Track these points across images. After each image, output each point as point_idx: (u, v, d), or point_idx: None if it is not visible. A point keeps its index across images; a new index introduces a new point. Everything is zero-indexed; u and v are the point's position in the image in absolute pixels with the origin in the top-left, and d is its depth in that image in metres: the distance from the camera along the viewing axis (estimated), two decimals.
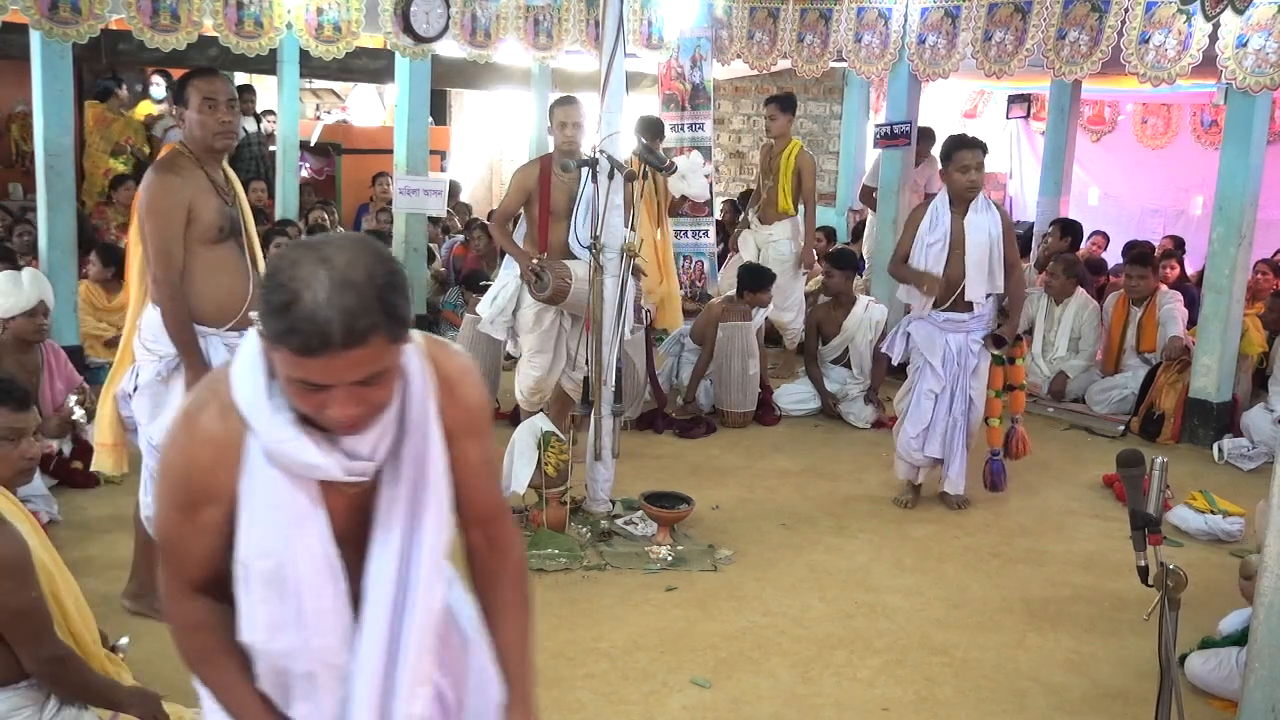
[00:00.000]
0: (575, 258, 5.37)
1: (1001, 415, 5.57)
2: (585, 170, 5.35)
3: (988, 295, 5.30)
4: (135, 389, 3.81)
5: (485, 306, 5.77)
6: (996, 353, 5.38)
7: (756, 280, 7.12)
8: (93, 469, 4.04)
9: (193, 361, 3.71)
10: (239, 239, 3.86)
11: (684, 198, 7.40)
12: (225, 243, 3.80)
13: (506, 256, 5.74)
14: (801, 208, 7.96)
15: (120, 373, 3.90)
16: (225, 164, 3.92)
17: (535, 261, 5.30)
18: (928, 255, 5.28)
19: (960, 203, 5.26)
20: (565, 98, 5.68)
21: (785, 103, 7.86)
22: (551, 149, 5.61)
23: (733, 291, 7.24)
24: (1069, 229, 9.05)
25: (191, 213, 3.69)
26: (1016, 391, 5.56)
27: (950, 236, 5.26)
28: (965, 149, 5.23)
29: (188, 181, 3.71)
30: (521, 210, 5.65)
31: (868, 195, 9.86)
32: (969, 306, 5.30)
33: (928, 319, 5.37)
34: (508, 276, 5.70)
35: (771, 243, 7.87)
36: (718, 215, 11.22)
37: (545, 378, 5.64)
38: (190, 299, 3.71)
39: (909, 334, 5.45)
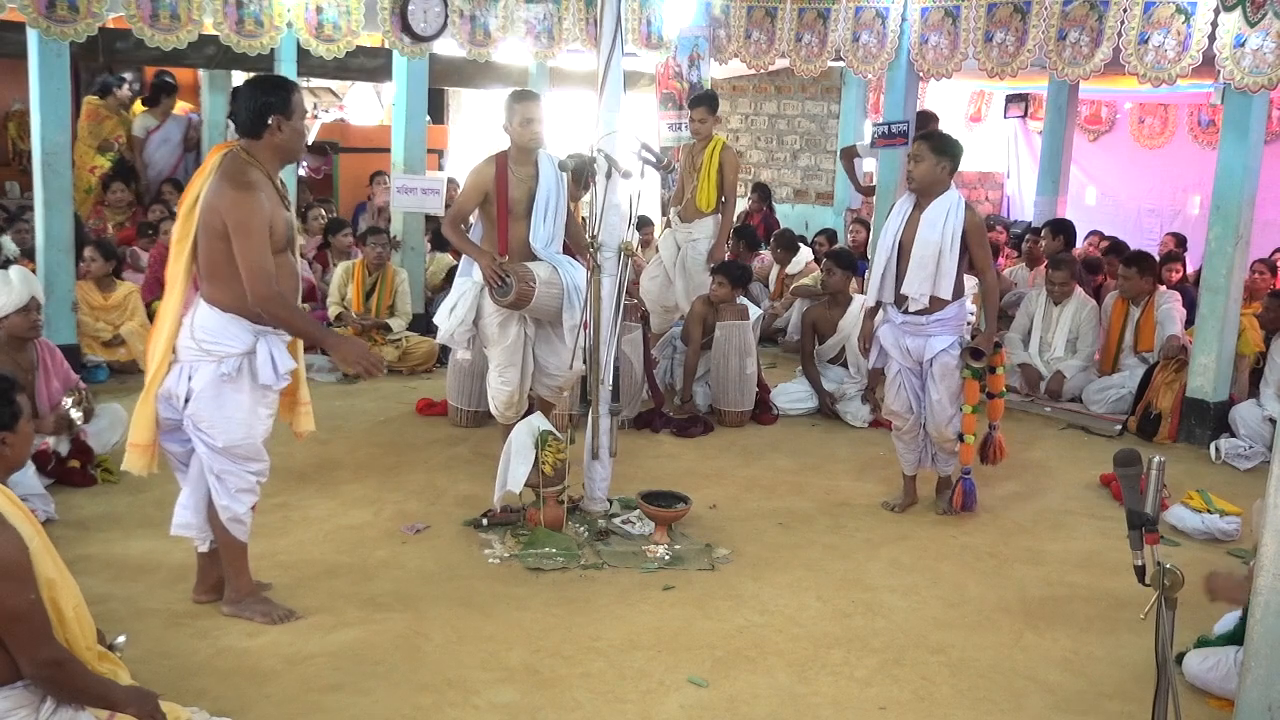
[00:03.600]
0: (536, 258, 5.24)
1: (976, 430, 5.36)
2: (544, 168, 5.26)
3: (949, 298, 5.13)
4: (190, 392, 3.78)
5: (443, 318, 5.39)
6: (975, 365, 5.21)
7: (739, 275, 7.15)
8: (123, 468, 3.97)
9: (327, 337, 4.00)
10: (292, 247, 3.91)
11: None
12: (284, 252, 3.84)
13: (462, 261, 5.51)
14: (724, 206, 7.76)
15: (161, 374, 3.84)
16: None
17: (499, 264, 5.10)
18: (880, 247, 5.28)
19: (924, 197, 5.17)
20: (525, 92, 5.49)
21: (713, 104, 7.78)
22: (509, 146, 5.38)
23: (705, 292, 7.21)
24: (1060, 229, 9.05)
25: (272, 226, 3.73)
26: (995, 400, 5.40)
27: (903, 231, 5.20)
28: (913, 143, 5.28)
29: (268, 196, 3.75)
30: (478, 211, 5.44)
31: (849, 156, 9.72)
32: (926, 308, 5.17)
33: (890, 321, 5.33)
34: (465, 284, 5.36)
35: (691, 241, 7.69)
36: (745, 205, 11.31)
37: (518, 390, 5.44)
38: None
39: (879, 338, 5.38)
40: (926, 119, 8.92)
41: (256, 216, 3.68)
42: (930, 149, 5.12)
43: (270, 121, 3.75)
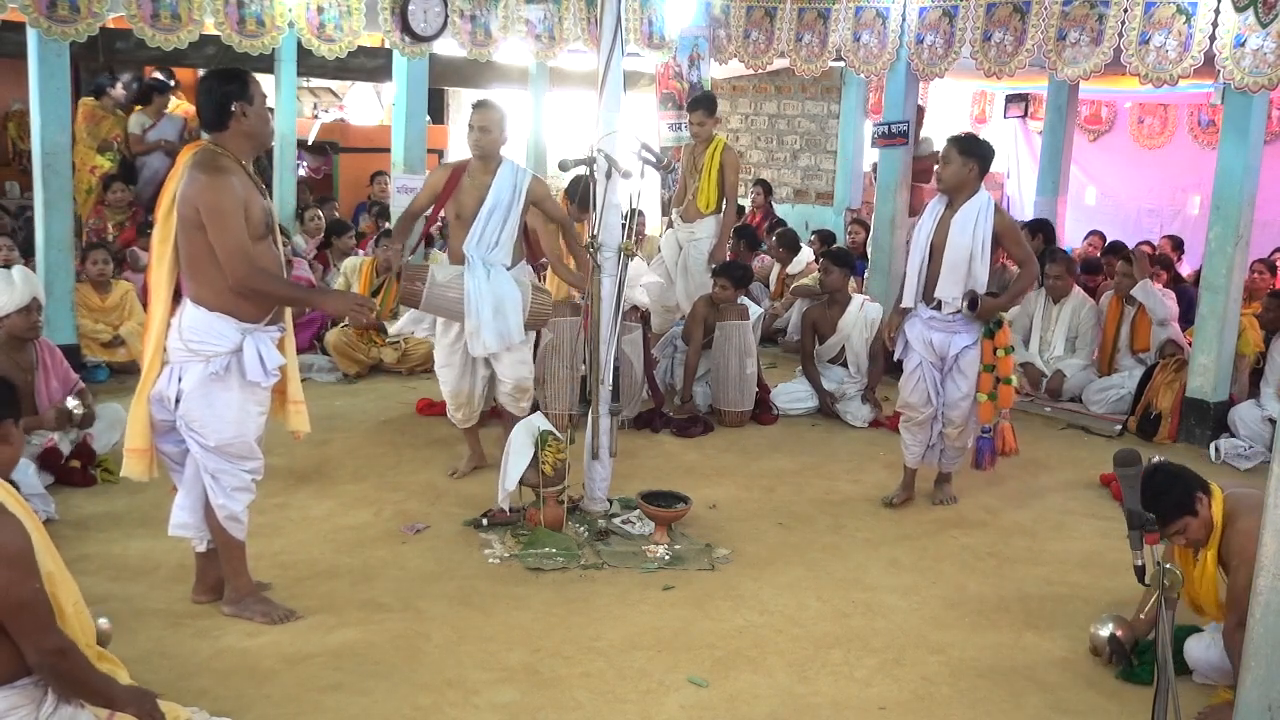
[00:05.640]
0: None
1: (991, 393, 5.34)
2: (498, 178, 5.27)
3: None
4: (180, 393, 3.77)
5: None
6: (970, 314, 5.18)
7: (740, 276, 7.16)
8: (123, 474, 3.97)
9: (313, 297, 4.31)
10: (273, 234, 3.92)
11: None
12: (265, 239, 3.85)
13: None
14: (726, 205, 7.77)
15: (153, 376, 3.83)
16: None
17: (399, 263, 5.24)
18: (913, 249, 5.33)
19: (954, 199, 5.22)
20: (480, 101, 5.56)
21: (711, 106, 7.78)
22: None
23: (707, 292, 7.22)
24: (1039, 228, 9.11)
25: (246, 212, 3.74)
26: (1005, 386, 5.40)
27: (934, 233, 5.24)
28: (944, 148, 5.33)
29: (239, 181, 3.76)
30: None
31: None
32: (957, 309, 5.22)
33: (917, 316, 5.38)
34: None
35: (693, 241, 7.73)
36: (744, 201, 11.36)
37: (460, 392, 5.52)
38: (237, 297, 3.76)
39: (904, 331, 5.46)
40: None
41: (228, 199, 3.69)
42: (958, 150, 5.17)
43: (234, 109, 3.78)
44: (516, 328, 5.23)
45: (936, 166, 5.27)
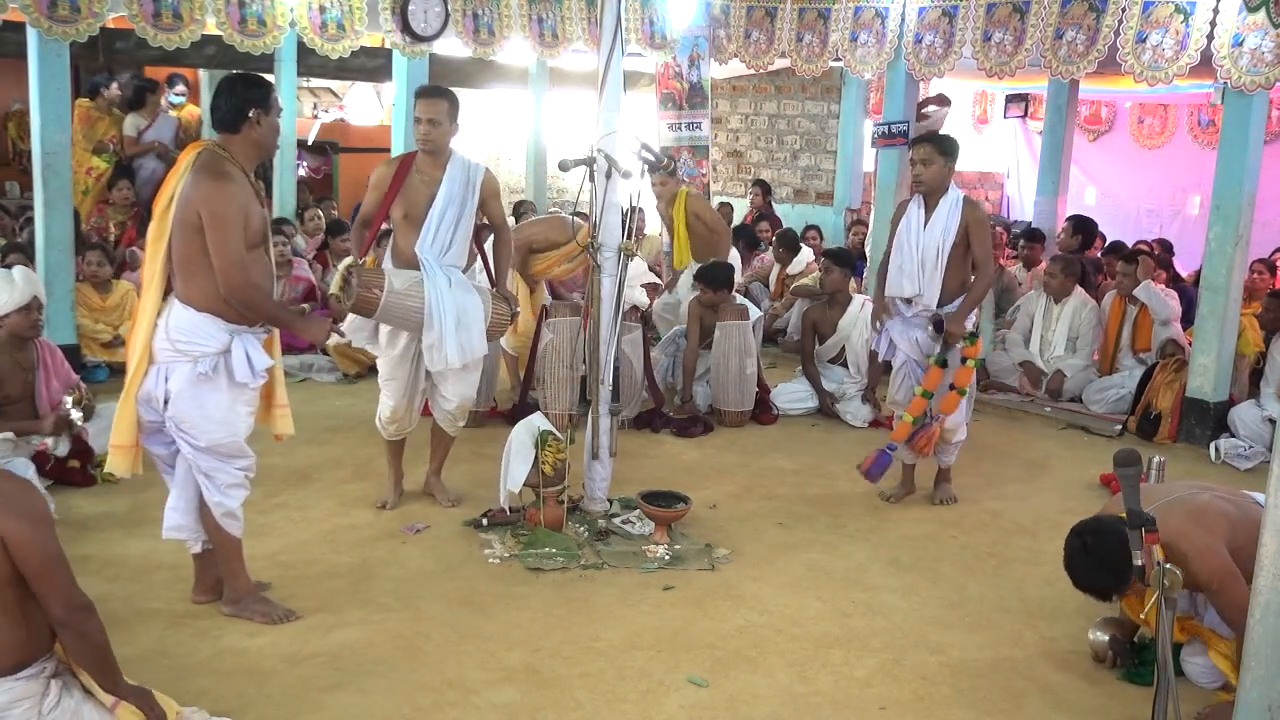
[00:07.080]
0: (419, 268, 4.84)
1: (918, 416, 5.36)
2: (449, 173, 4.91)
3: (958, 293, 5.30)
4: (169, 394, 3.76)
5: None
6: (935, 337, 5.27)
7: (711, 279, 7.15)
8: (107, 470, 3.96)
9: (294, 320, 4.03)
10: (266, 243, 3.91)
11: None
12: (258, 248, 3.84)
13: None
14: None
15: (140, 374, 3.80)
16: None
17: (349, 267, 4.71)
18: (895, 249, 5.41)
19: (930, 198, 5.30)
20: (424, 88, 5.11)
21: (669, 170, 7.80)
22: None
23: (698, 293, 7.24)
24: (1081, 226, 8.99)
25: (245, 220, 3.73)
26: (952, 393, 5.34)
27: (912, 233, 5.33)
28: (913, 145, 5.41)
29: (242, 188, 3.75)
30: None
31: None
32: (937, 303, 5.31)
33: (900, 315, 5.45)
34: None
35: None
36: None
37: (400, 407, 5.04)
38: (226, 300, 3.76)
39: (888, 330, 5.52)
40: (942, 100, 8.97)
41: (231, 207, 3.68)
42: (939, 151, 5.25)
43: (251, 115, 3.78)
44: (480, 340, 4.87)
45: (916, 169, 5.28)
